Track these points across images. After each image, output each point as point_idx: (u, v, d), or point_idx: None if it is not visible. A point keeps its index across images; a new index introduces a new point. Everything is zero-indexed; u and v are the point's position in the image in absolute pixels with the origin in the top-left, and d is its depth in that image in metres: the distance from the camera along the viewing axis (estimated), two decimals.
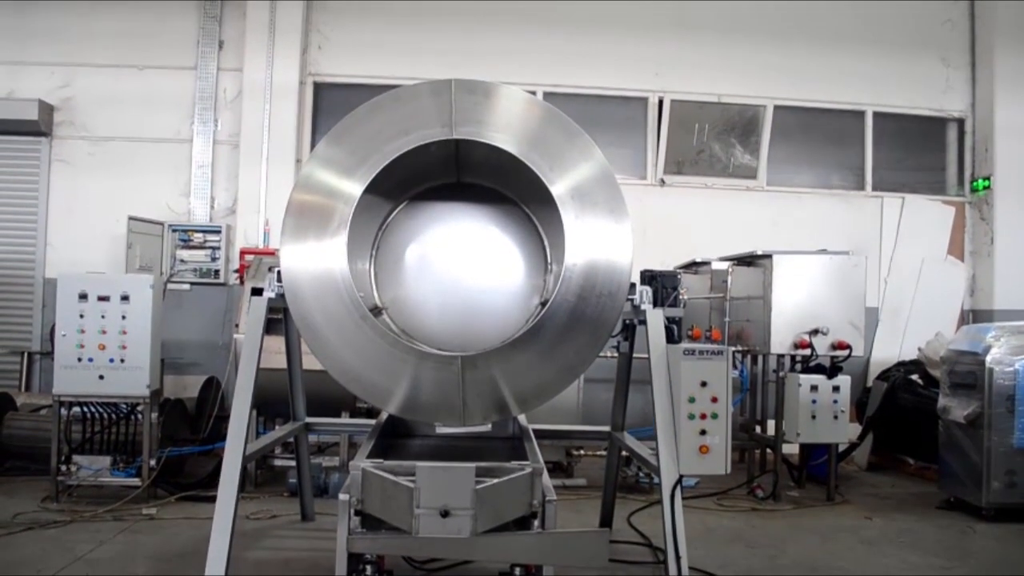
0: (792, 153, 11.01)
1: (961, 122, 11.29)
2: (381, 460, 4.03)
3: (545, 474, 4.03)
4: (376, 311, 4.46)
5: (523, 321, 4.49)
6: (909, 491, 8.24)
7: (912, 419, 8.59)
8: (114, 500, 6.76)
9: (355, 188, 4.16)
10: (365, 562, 3.99)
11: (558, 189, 4.17)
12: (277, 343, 6.41)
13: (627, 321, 5.77)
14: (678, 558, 4.45)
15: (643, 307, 4.89)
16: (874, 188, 11.04)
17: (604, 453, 6.96)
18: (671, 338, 4.91)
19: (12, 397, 8.24)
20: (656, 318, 4.87)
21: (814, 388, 7.47)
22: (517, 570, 4.00)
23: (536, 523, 3.88)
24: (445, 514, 3.56)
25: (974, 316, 10.76)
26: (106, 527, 6.28)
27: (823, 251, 7.92)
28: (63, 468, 6.94)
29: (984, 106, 11.01)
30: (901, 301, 10.85)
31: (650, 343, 4.82)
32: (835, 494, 7.76)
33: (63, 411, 6.99)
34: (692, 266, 9.12)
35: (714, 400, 4.58)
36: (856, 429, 9.03)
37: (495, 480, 3.74)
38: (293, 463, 6.99)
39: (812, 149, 11.12)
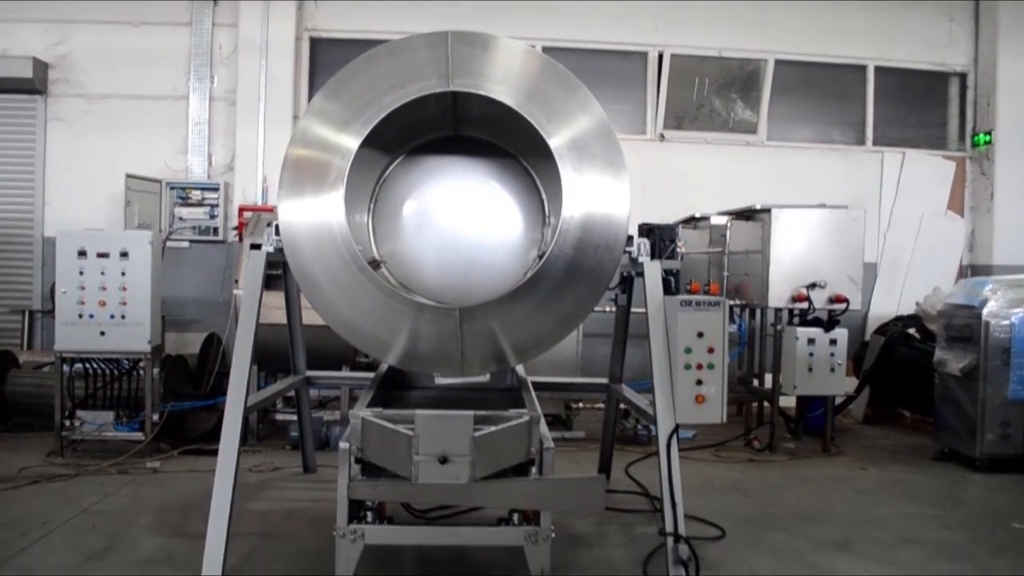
0: (793, 108, 10.95)
1: (963, 76, 11.20)
2: (380, 409, 4.08)
3: (542, 422, 4.08)
4: (375, 264, 4.47)
5: (521, 274, 4.50)
6: (904, 443, 8.33)
7: (909, 373, 8.65)
8: (118, 454, 6.85)
9: (351, 142, 4.14)
10: (366, 509, 4.06)
11: (556, 142, 4.15)
12: (277, 299, 6.44)
13: (625, 274, 5.78)
14: (674, 505, 4.51)
15: (640, 259, 4.89)
16: (875, 143, 11.00)
17: (602, 406, 7.02)
18: (668, 290, 4.95)
19: (15, 355, 8.30)
20: (653, 270, 4.88)
21: (811, 341, 7.53)
22: (515, 516, 4.07)
23: (534, 470, 3.94)
24: (444, 461, 3.61)
25: (973, 271, 10.78)
26: (111, 480, 6.37)
27: (822, 205, 7.91)
28: (67, 423, 7.02)
29: (987, 60, 10.92)
30: (900, 256, 10.87)
31: (647, 295, 4.83)
32: (831, 446, 7.85)
33: (65, 368, 7.05)
34: (691, 221, 9.12)
35: (710, 351, 4.63)
36: (853, 383, 9.09)
37: (493, 428, 3.79)
38: (294, 417, 7.07)
39: (813, 104, 11.05)
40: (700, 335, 4.61)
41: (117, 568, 4.59)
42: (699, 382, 4.61)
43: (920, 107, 11.28)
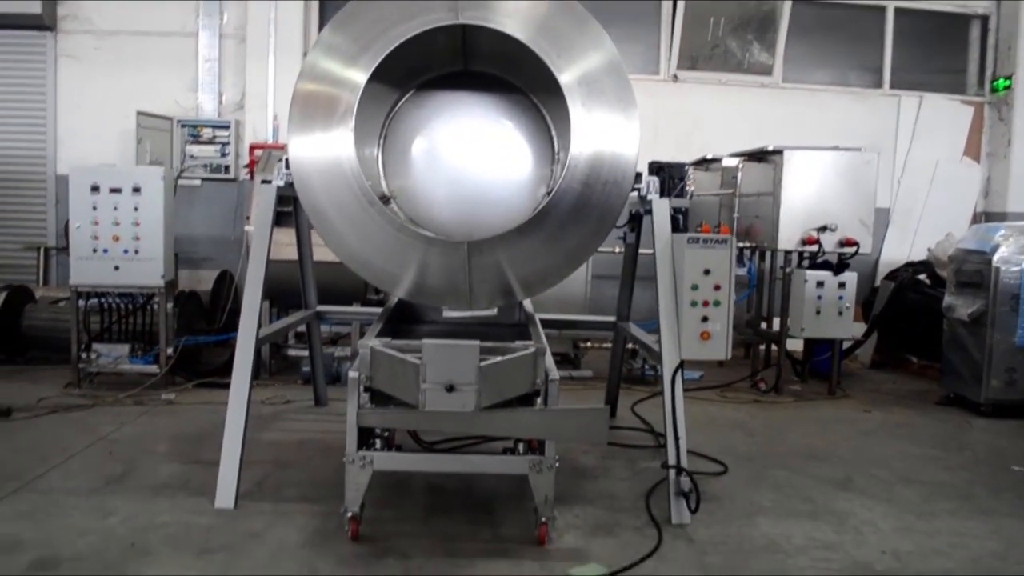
0: (809, 50, 10.77)
1: (985, 19, 10.98)
2: (389, 339, 4.15)
3: (548, 354, 4.14)
4: (384, 199, 4.50)
5: (530, 211, 4.52)
6: (910, 388, 8.39)
7: (917, 318, 8.66)
8: (133, 387, 6.98)
9: (359, 76, 4.14)
10: (375, 437, 4.16)
11: (566, 78, 4.14)
12: (287, 235, 6.49)
13: (633, 212, 5.81)
14: (676, 439, 4.60)
15: (649, 197, 4.90)
16: (892, 86, 10.84)
17: (610, 346, 7.09)
18: (676, 228, 4.94)
19: (31, 290, 8.41)
20: (662, 208, 4.90)
21: (820, 284, 7.53)
22: (520, 446, 4.16)
23: (539, 401, 4.02)
24: (450, 389, 3.68)
25: (987, 218, 10.69)
26: (127, 411, 6.51)
27: (835, 147, 7.84)
28: (83, 356, 7.15)
29: (1010, 3, 10.68)
30: (914, 202, 10.79)
31: (655, 232, 4.86)
32: (836, 389, 7.92)
33: (80, 302, 7.15)
34: (703, 163, 9.06)
35: (716, 288, 4.64)
36: (861, 328, 9.13)
37: (499, 358, 3.86)
38: (306, 353, 7.17)
39: (830, 46, 10.87)
40: (707, 272, 4.62)
41: (135, 491, 4.72)
42: (705, 319, 4.63)
43: (940, 50, 11.08)
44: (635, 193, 4.85)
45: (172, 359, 7.17)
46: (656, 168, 5.14)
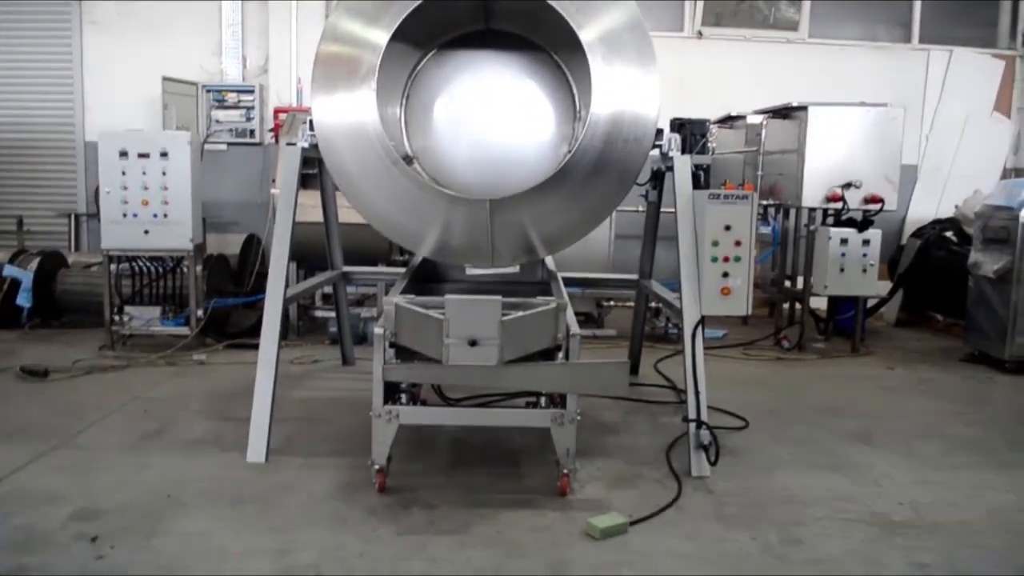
0: (836, 5, 10.57)
1: None
2: (413, 296, 4.23)
3: (570, 309, 4.20)
4: (407, 159, 4.55)
5: (552, 169, 4.55)
6: (935, 346, 8.36)
7: (943, 276, 8.60)
8: (165, 348, 7.14)
9: (381, 36, 4.18)
10: (401, 392, 4.26)
11: (587, 35, 4.16)
12: (313, 198, 6.57)
13: (656, 169, 5.81)
14: (697, 393, 4.66)
15: (671, 154, 4.91)
16: (921, 41, 10.63)
17: (633, 305, 7.13)
18: (698, 184, 4.95)
19: (63, 255, 8.59)
20: (683, 164, 4.91)
21: (844, 241, 7.51)
22: (543, 400, 4.24)
23: (560, 355, 4.09)
24: (473, 343, 3.76)
25: (1017, 175, 10.51)
26: (160, 371, 6.68)
27: (861, 104, 7.75)
28: (116, 319, 7.32)
29: None
30: (942, 159, 10.65)
31: (676, 189, 4.87)
32: (860, 346, 7.92)
33: (112, 266, 7.31)
34: (727, 120, 9.01)
35: (737, 244, 4.67)
36: (886, 286, 9.08)
37: (521, 313, 3.92)
38: (333, 314, 7.29)
39: (857, 1, 10.67)
40: (727, 228, 4.64)
41: (170, 447, 4.88)
42: (725, 274, 4.66)
43: (970, 3, 10.84)
44: (657, 150, 4.87)
45: (202, 321, 7.33)
46: (678, 125, 5.12)
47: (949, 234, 9.06)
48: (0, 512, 3.92)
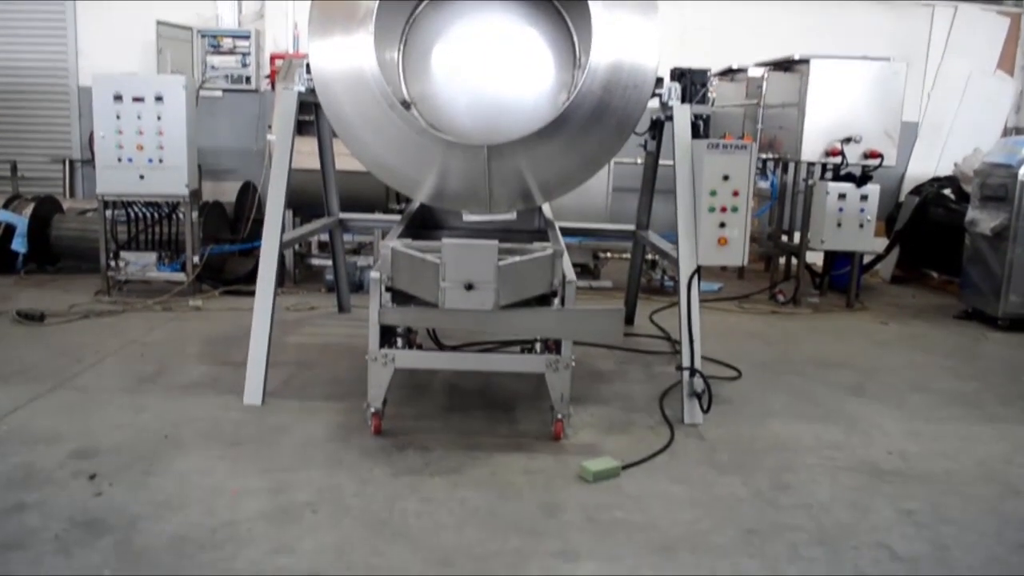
0: None
1: None
2: (410, 240, 4.22)
3: (566, 256, 4.20)
4: (405, 105, 4.51)
5: (550, 117, 4.52)
6: (929, 303, 8.39)
7: (940, 233, 8.60)
8: (161, 294, 7.14)
9: None
10: (396, 337, 4.28)
11: None
12: (309, 144, 6.53)
13: (655, 118, 5.78)
14: (691, 342, 4.69)
15: (671, 103, 4.88)
16: None
17: (629, 257, 7.14)
18: (697, 134, 4.93)
19: (58, 200, 8.53)
20: (683, 113, 4.88)
21: (842, 196, 7.51)
22: (538, 345, 4.27)
23: (556, 302, 4.10)
24: (469, 287, 3.77)
25: (1018, 134, 10.45)
26: (156, 316, 6.69)
27: (863, 57, 7.68)
28: (112, 264, 7.31)
29: None
30: (943, 117, 10.60)
31: (675, 138, 4.85)
32: (855, 302, 7.94)
33: (107, 212, 7.27)
34: (728, 73, 8.92)
35: (735, 194, 4.66)
36: (883, 244, 9.09)
37: (517, 258, 3.93)
38: (330, 262, 7.28)
39: None
40: (726, 178, 4.62)
41: (166, 390, 4.91)
42: (722, 224, 4.65)
43: None
44: (656, 99, 4.83)
45: (198, 267, 7.32)
46: (678, 74, 5.07)
47: (947, 192, 9.04)
48: None
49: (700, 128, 4.94)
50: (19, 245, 7.86)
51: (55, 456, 3.90)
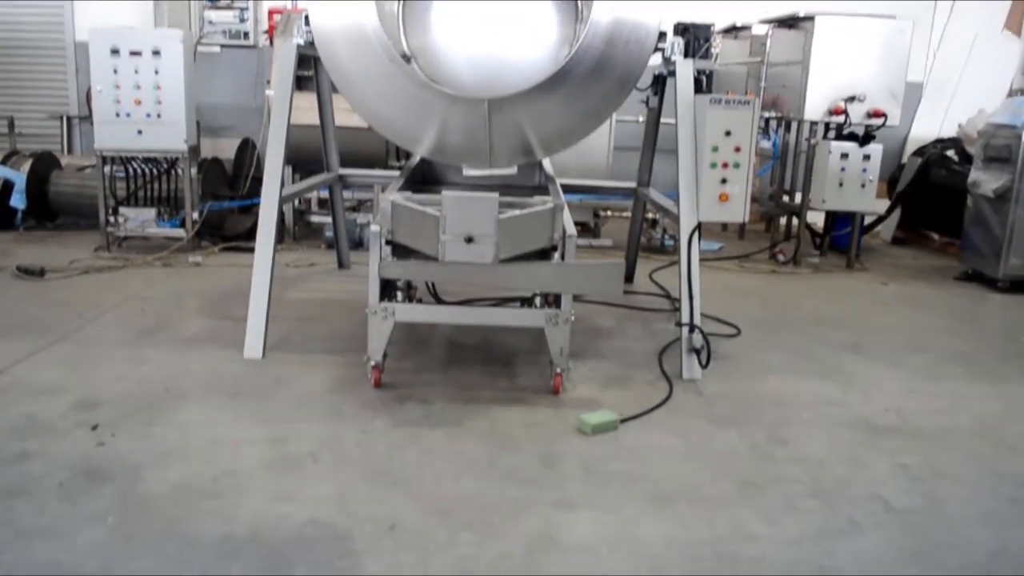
0: None
1: None
2: (410, 193, 4.21)
3: (566, 210, 4.18)
4: (405, 58, 4.46)
5: (552, 71, 4.47)
6: (930, 264, 8.38)
7: (943, 195, 8.56)
8: (161, 250, 7.13)
9: None
10: (396, 291, 4.28)
11: None
12: (308, 100, 6.48)
13: (657, 74, 5.72)
14: (691, 298, 4.69)
15: (673, 58, 4.82)
16: None
17: (630, 215, 7.12)
18: (700, 90, 4.88)
19: (57, 157, 8.49)
20: (686, 68, 4.82)
21: (844, 156, 7.46)
22: (537, 299, 4.28)
23: (556, 256, 4.10)
24: (469, 240, 3.76)
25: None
26: (156, 272, 6.69)
27: (869, 15, 7.58)
28: (111, 220, 7.29)
29: None
30: (948, 77, 10.48)
31: (678, 93, 4.81)
32: (855, 262, 7.94)
33: (106, 168, 7.23)
34: (732, 30, 8.83)
35: (737, 150, 4.63)
36: (885, 205, 9.05)
37: (518, 211, 3.91)
38: (329, 219, 7.26)
39: None
40: (728, 134, 4.59)
41: (167, 344, 4.92)
42: (724, 180, 4.63)
43: None
44: (659, 54, 4.78)
45: (197, 224, 7.30)
46: (681, 29, 5.00)
47: (951, 153, 8.99)
48: (1, 401, 3.98)
49: (703, 84, 4.89)
50: (18, 201, 7.83)
51: (57, 407, 3.93)
